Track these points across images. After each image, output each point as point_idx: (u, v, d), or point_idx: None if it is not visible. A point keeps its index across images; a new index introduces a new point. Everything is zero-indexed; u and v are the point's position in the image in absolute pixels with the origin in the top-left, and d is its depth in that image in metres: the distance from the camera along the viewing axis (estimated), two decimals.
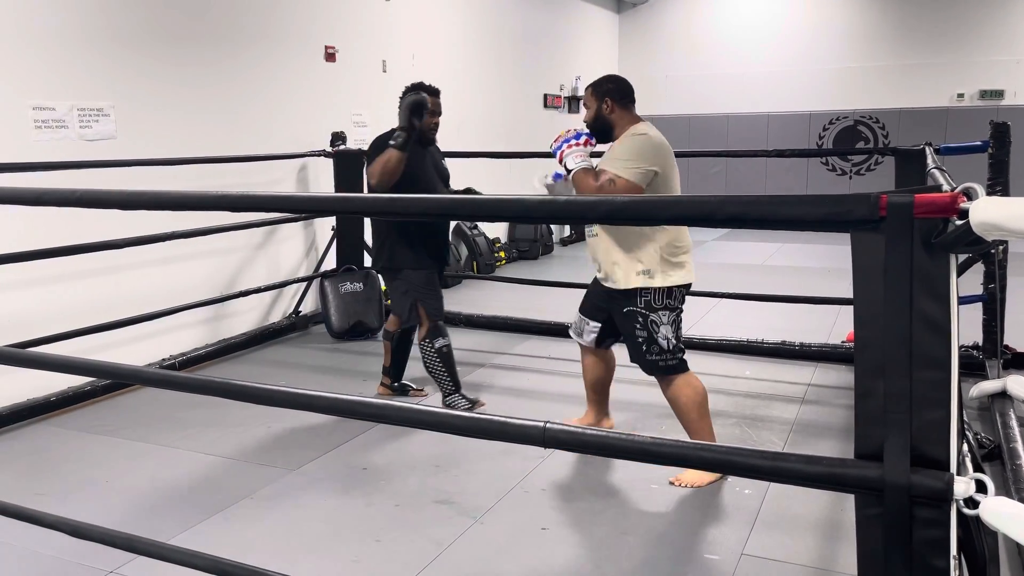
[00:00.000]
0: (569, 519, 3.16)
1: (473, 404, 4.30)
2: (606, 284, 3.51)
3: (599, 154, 3.56)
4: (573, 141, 3.39)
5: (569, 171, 3.38)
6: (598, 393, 3.86)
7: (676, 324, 3.43)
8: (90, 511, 3.16)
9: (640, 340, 3.41)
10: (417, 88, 4.16)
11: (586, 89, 3.57)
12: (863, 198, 1.20)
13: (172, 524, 3.10)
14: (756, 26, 11.65)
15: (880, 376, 1.23)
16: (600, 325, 3.67)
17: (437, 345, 4.20)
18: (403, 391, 4.59)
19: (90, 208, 2.03)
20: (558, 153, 3.41)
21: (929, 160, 3.73)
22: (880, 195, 1.19)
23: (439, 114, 4.25)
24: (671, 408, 3.50)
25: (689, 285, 3.47)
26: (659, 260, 3.36)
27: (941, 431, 1.21)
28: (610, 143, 3.51)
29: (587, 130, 3.47)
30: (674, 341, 3.41)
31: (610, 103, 3.45)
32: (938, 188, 1.21)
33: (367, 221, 6.01)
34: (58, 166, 4.14)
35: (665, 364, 3.41)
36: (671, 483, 3.41)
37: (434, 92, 4.20)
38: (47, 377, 4.11)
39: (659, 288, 3.37)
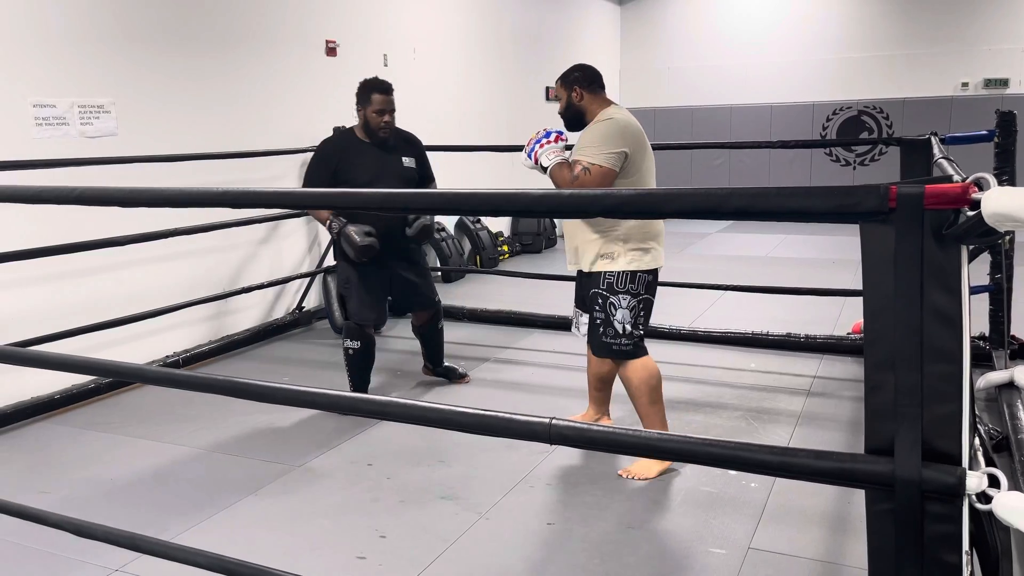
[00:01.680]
0: (574, 514, 3.15)
1: None
2: (574, 267, 3.58)
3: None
4: (544, 140, 3.47)
5: (545, 169, 3.45)
6: (600, 391, 3.84)
7: (638, 310, 3.42)
8: (94, 509, 3.16)
9: (597, 321, 3.45)
10: (369, 85, 4.09)
11: (556, 82, 3.63)
12: (872, 189, 1.18)
13: (176, 521, 3.10)
14: (758, 17, 11.59)
15: (890, 369, 1.21)
16: (590, 315, 3.65)
17: (344, 345, 4.25)
18: (446, 375, 4.66)
19: (90, 205, 2.02)
20: (532, 156, 3.48)
21: (936, 150, 3.70)
22: (890, 186, 1.17)
23: (390, 111, 4.11)
24: (625, 390, 3.54)
25: (657, 272, 3.48)
26: (622, 244, 3.38)
27: (953, 425, 1.20)
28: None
29: (556, 128, 3.54)
30: (630, 327, 3.41)
31: (579, 91, 3.51)
32: (948, 178, 1.18)
33: None
34: (59, 163, 4.13)
35: (620, 348, 3.44)
36: (619, 475, 3.42)
37: (386, 89, 4.10)
38: (50, 375, 4.12)
39: (622, 272, 3.40)
